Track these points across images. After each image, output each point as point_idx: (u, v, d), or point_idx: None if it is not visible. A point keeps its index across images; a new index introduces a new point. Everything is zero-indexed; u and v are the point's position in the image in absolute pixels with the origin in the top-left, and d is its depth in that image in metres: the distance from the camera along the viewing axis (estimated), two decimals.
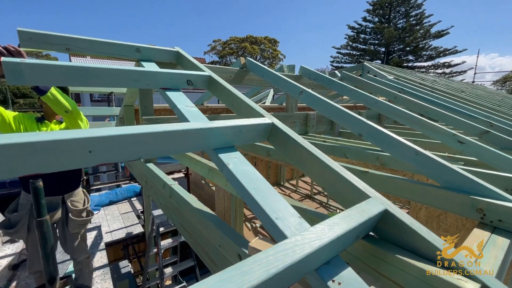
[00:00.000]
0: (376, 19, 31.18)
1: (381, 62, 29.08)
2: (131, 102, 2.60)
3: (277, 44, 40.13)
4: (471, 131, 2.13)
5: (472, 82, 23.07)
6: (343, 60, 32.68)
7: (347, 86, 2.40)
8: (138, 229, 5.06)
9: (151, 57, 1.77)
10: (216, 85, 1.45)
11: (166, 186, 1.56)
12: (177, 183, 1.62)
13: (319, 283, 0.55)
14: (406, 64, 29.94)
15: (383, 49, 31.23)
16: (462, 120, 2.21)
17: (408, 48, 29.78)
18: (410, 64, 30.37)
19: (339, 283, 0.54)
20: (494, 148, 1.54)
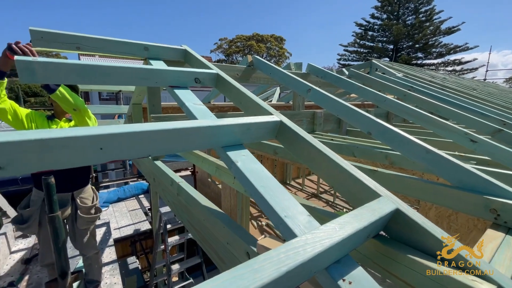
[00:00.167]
0: (385, 16, 30.66)
1: (389, 59, 28.60)
2: (139, 100, 2.63)
3: (284, 42, 39.92)
4: (484, 129, 2.08)
5: (484, 79, 22.52)
6: (350, 57, 32.30)
7: (356, 84, 2.37)
8: (145, 226, 5.13)
9: (159, 55, 1.78)
10: (224, 83, 1.44)
11: (174, 184, 1.58)
12: (184, 181, 1.64)
13: (330, 282, 0.55)
14: (415, 62, 29.38)
15: (391, 46, 30.73)
16: (474, 118, 2.16)
17: (417, 45, 29.21)
18: (419, 62, 29.80)
19: (350, 282, 0.54)
20: (507, 147, 1.50)
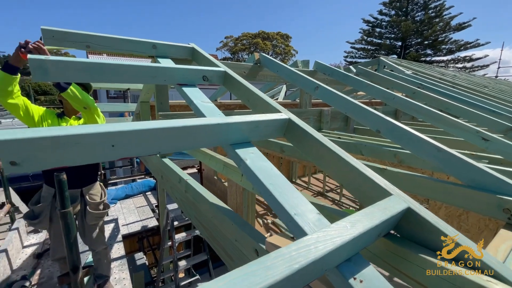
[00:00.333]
0: (393, 12, 30.11)
1: (397, 56, 28.13)
2: (147, 98, 2.65)
3: (290, 40, 39.65)
4: (496, 127, 2.03)
5: (495, 77, 21.98)
6: (357, 55, 31.88)
7: (364, 81, 2.34)
8: (153, 222, 5.19)
9: (167, 53, 1.79)
10: (232, 80, 1.44)
11: (182, 181, 1.59)
12: (191, 178, 1.65)
13: (340, 280, 0.55)
14: (424, 59, 28.81)
15: (399, 43, 30.19)
16: (486, 116, 2.12)
17: (426, 42, 28.61)
18: (428, 59, 29.21)
19: (361, 281, 0.53)
20: None
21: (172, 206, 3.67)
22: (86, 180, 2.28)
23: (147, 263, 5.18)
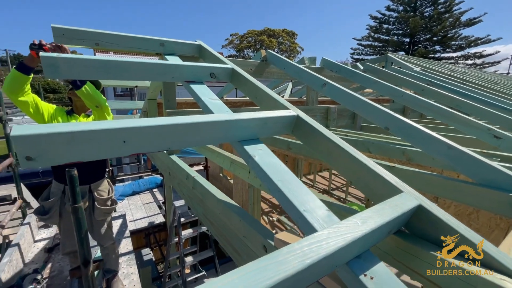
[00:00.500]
0: (401, 8, 29.55)
1: (405, 53, 27.65)
2: (154, 95, 2.68)
3: (295, 37, 39.34)
4: (508, 125, 1.98)
5: (507, 73, 21.43)
6: (364, 52, 31.46)
7: (371, 78, 2.31)
8: (159, 219, 5.26)
9: (174, 50, 1.80)
10: (239, 77, 1.44)
11: (190, 178, 1.60)
12: (199, 175, 1.66)
13: (351, 277, 0.54)
14: (432, 55, 28.22)
15: (407, 39, 29.64)
16: (497, 113, 2.07)
17: (435, 38, 28.03)
18: (437, 55, 28.62)
19: (372, 278, 0.53)
20: None
21: (178, 203, 3.70)
22: (94, 176, 2.32)
23: (153, 259, 5.25)
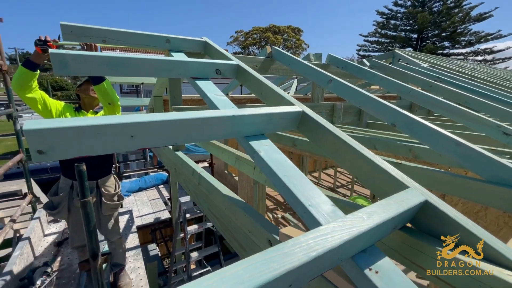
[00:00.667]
0: (409, 3, 28.98)
1: (412, 49, 27.15)
2: (160, 92, 2.70)
3: (301, 33, 39.04)
4: None
5: None
6: (370, 48, 31.04)
7: (378, 74, 2.28)
8: (165, 215, 5.31)
9: (180, 47, 1.80)
10: (244, 73, 1.44)
11: (195, 174, 1.62)
12: (204, 171, 1.67)
13: (356, 271, 0.55)
14: (441, 51, 27.69)
15: (415, 35, 29.11)
16: (508, 110, 2.03)
17: (444, 34, 27.47)
18: (446, 51, 28.06)
19: (377, 272, 0.53)
20: None
21: (184, 199, 3.74)
22: (101, 172, 2.35)
23: (159, 254, 5.33)
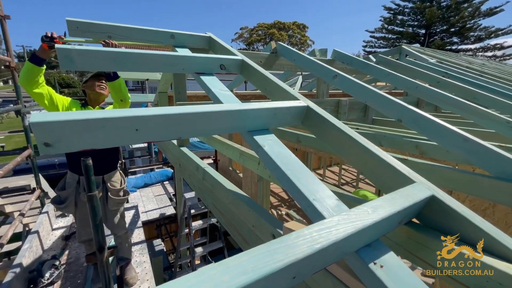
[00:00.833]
0: None
1: (420, 45, 26.66)
2: (165, 88, 2.70)
3: (306, 30, 38.63)
4: None
5: None
6: (377, 44, 30.56)
7: (385, 70, 2.25)
8: (170, 210, 5.37)
9: (185, 43, 1.80)
10: (249, 69, 1.44)
11: (200, 169, 1.62)
12: (209, 166, 1.68)
13: (360, 265, 0.54)
14: (449, 47, 27.11)
15: (423, 31, 28.55)
16: None
17: (452, 29, 26.87)
18: (454, 47, 27.47)
19: (381, 266, 0.53)
20: None
21: (189, 195, 3.76)
22: (107, 167, 2.38)
23: (165, 249, 5.39)
